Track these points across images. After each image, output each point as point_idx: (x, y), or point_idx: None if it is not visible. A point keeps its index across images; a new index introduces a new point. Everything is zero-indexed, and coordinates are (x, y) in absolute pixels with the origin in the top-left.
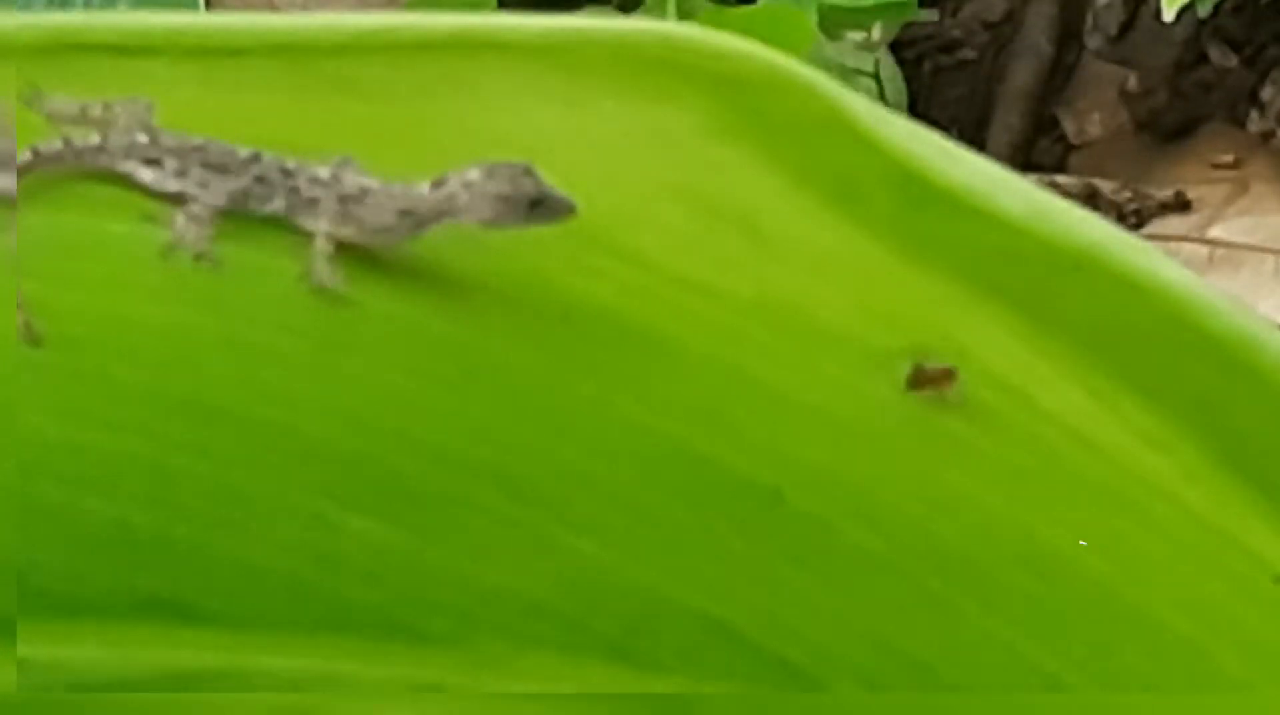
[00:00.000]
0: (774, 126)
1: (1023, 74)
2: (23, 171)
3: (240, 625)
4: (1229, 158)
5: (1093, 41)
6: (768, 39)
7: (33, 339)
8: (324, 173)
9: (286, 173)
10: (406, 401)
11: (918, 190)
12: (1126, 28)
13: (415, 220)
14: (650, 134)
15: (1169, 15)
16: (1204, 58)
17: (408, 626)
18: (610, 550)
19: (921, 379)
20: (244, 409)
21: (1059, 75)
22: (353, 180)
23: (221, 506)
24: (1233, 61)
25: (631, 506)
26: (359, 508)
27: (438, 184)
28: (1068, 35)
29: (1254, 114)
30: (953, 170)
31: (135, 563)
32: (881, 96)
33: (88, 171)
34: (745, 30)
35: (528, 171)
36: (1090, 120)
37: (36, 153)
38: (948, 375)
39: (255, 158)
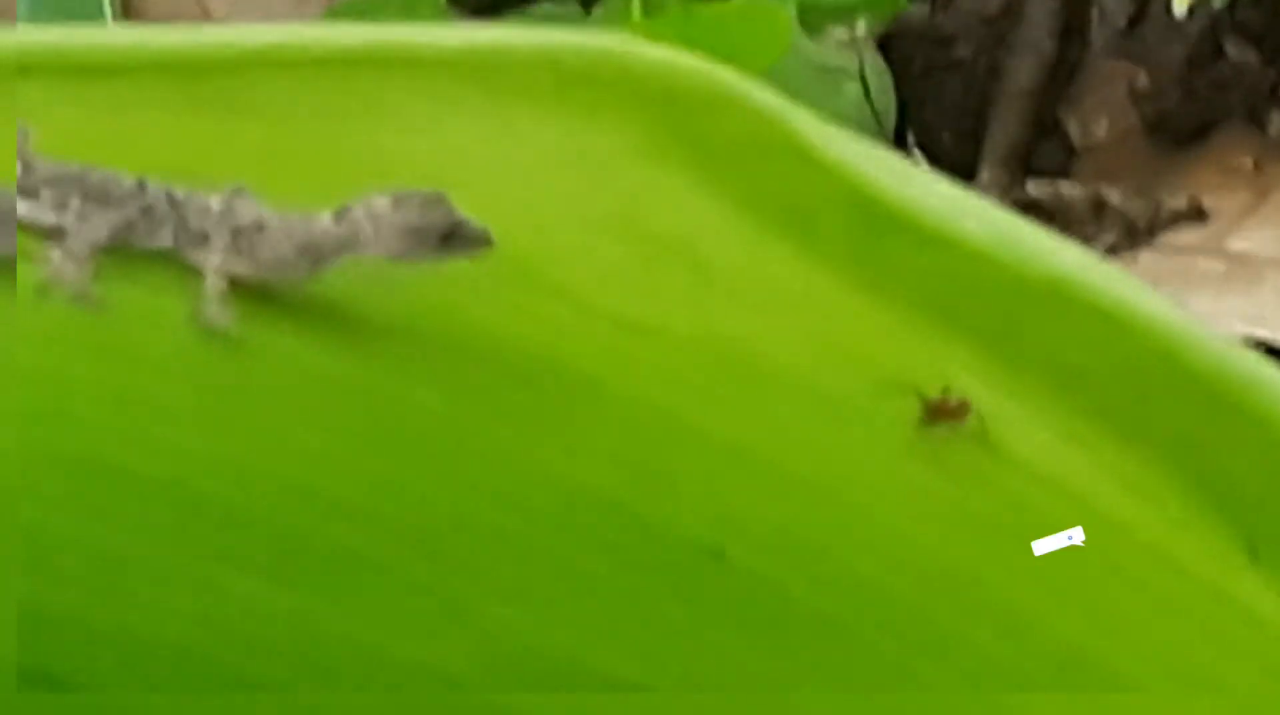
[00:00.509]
0: (716, 147)
1: (1023, 72)
2: None
3: (120, 699)
4: (1248, 162)
5: (1099, 37)
6: (743, 37)
7: None
8: (215, 203)
9: (174, 203)
10: (306, 453)
11: (873, 216)
12: (1135, 21)
13: (316, 255)
14: (578, 156)
15: (1180, 10)
16: (1220, 53)
17: (307, 700)
18: (531, 617)
19: (936, 411)
20: (127, 464)
21: (1062, 73)
22: (247, 211)
23: (101, 570)
24: (1251, 57)
25: (555, 568)
26: (253, 571)
27: (340, 215)
28: (1071, 30)
29: (1274, 115)
30: (910, 193)
31: (3, 632)
32: (868, 98)
33: None
34: (718, 28)
35: (439, 200)
36: (1096, 122)
37: None
38: (963, 409)
39: (140, 187)
